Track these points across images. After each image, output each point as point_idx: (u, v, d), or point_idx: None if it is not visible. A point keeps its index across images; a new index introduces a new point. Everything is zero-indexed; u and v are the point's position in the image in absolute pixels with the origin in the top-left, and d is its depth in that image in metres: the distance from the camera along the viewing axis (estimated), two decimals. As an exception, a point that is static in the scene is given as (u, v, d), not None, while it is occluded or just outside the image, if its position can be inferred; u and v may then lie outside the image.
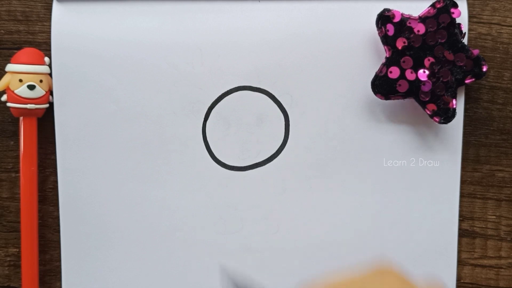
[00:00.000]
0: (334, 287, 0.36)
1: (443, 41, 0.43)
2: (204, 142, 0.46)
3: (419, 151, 0.46)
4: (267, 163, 0.46)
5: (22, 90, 0.44)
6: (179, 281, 0.47)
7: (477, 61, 0.43)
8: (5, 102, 0.45)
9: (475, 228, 0.47)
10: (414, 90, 0.43)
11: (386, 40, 0.43)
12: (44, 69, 0.45)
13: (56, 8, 0.45)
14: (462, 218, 0.47)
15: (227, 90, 0.46)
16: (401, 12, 0.43)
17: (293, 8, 0.45)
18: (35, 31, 0.46)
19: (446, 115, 0.43)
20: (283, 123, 0.46)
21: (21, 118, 0.45)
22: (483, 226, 0.47)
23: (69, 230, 0.47)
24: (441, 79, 0.43)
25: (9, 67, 0.44)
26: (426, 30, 0.43)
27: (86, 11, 0.45)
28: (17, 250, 0.48)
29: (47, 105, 0.45)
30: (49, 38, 0.46)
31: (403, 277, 0.34)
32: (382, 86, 0.43)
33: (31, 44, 0.46)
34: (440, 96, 0.43)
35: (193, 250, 0.47)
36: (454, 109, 0.43)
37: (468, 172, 0.47)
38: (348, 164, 0.46)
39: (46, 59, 0.45)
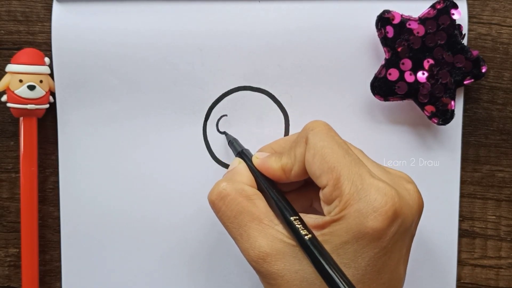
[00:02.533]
0: (274, 142, 0.44)
1: (442, 42, 0.43)
2: (204, 142, 0.46)
3: (419, 151, 0.46)
4: (267, 163, 0.46)
5: (22, 91, 0.44)
6: (179, 281, 0.47)
7: (477, 62, 0.43)
8: (5, 102, 0.45)
9: (475, 228, 0.47)
10: (413, 91, 0.43)
11: (386, 42, 0.43)
12: (44, 69, 0.45)
13: (56, 8, 0.45)
14: (462, 218, 0.47)
15: (227, 90, 0.46)
16: (400, 14, 0.43)
17: (293, 8, 0.45)
18: (35, 32, 0.46)
19: (445, 117, 0.43)
20: (283, 123, 0.46)
21: (21, 118, 0.45)
22: (483, 226, 0.47)
23: (69, 230, 0.47)
24: (440, 80, 0.43)
25: (9, 67, 0.45)
26: (426, 31, 0.43)
27: (86, 11, 0.45)
28: (17, 250, 0.48)
29: (47, 106, 0.45)
30: (49, 39, 0.46)
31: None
32: (381, 88, 0.43)
33: (31, 44, 0.46)
34: (439, 97, 0.43)
35: (193, 250, 0.47)
36: (453, 111, 0.43)
37: (468, 172, 0.47)
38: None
39: (46, 59, 0.45)
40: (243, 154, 0.42)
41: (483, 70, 0.43)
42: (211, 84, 0.46)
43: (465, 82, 0.44)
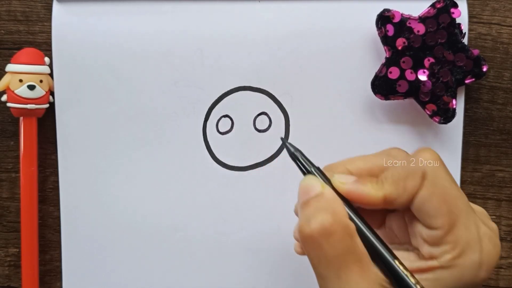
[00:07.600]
0: (348, 162, 0.37)
1: (443, 41, 0.43)
2: (204, 142, 0.46)
3: (419, 151, 0.46)
4: (267, 163, 0.46)
5: (22, 90, 0.44)
6: (180, 281, 0.47)
7: (477, 61, 0.43)
8: (5, 102, 0.45)
9: (475, 228, 0.47)
10: (414, 90, 0.43)
11: (386, 40, 0.43)
12: (44, 69, 0.45)
13: (56, 8, 0.45)
14: (462, 218, 0.47)
15: (228, 90, 0.46)
16: (401, 13, 0.43)
17: (293, 8, 0.45)
18: (35, 31, 0.46)
19: (446, 115, 0.43)
20: (283, 123, 0.46)
21: (21, 118, 0.45)
22: (483, 226, 0.47)
23: (70, 230, 0.47)
24: (441, 79, 0.43)
25: (9, 67, 0.45)
26: (426, 30, 0.43)
27: (86, 12, 0.45)
28: (17, 250, 0.48)
29: (47, 105, 0.45)
30: (49, 38, 0.46)
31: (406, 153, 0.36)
32: (382, 86, 0.43)
33: (31, 44, 0.46)
34: (440, 96, 0.43)
35: (193, 250, 0.47)
36: (454, 109, 0.43)
37: (468, 172, 0.47)
38: (348, 164, 0.46)
39: (46, 59, 0.45)
40: (319, 174, 0.36)
41: (484, 69, 0.43)
42: (211, 84, 0.46)
43: (466, 81, 0.44)
